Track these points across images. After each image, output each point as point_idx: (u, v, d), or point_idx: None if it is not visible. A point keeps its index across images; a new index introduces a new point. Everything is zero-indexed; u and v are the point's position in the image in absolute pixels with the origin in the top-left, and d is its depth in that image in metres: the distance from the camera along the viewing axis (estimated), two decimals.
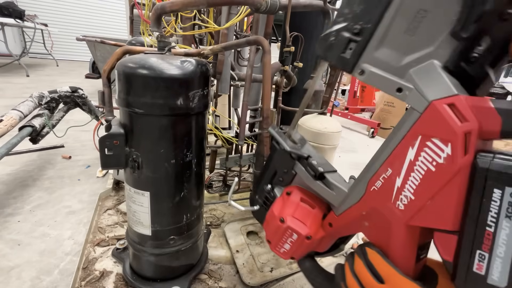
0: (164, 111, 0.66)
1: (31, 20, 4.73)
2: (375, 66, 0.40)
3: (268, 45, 0.78)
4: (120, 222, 1.17)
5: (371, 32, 0.39)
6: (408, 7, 0.37)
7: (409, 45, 0.38)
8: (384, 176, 0.39)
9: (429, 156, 0.33)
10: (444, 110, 0.32)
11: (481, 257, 0.29)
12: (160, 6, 0.70)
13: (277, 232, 0.57)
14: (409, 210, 0.36)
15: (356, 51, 0.41)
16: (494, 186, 0.28)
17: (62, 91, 1.46)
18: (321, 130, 0.81)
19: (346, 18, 0.42)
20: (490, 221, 0.29)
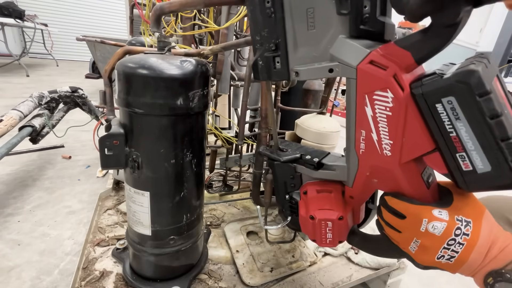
0: (164, 111, 0.66)
1: (31, 20, 4.73)
2: (303, 64, 0.48)
3: None
4: (120, 222, 1.18)
5: (285, 43, 0.47)
6: (298, 12, 0.45)
7: (317, 36, 0.45)
8: (362, 137, 0.45)
9: (382, 105, 0.40)
10: (368, 68, 0.39)
11: (462, 158, 0.35)
12: (159, 7, 0.70)
13: (314, 229, 0.61)
14: (395, 152, 0.41)
15: (283, 62, 0.49)
16: (434, 103, 0.34)
17: (62, 91, 1.46)
18: (320, 130, 0.81)
19: (261, 43, 0.49)
20: (449, 128, 0.35)
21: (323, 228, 0.60)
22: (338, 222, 0.58)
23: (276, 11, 0.45)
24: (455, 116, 0.33)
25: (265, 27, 0.47)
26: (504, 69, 5.40)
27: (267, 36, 0.48)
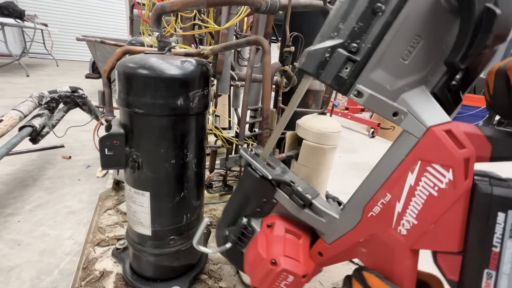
0: (164, 111, 0.65)
1: (31, 20, 4.72)
2: (370, 89, 0.38)
3: (268, 45, 0.78)
4: (120, 222, 1.18)
5: (370, 53, 0.37)
6: (406, 30, 0.36)
7: (403, 70, 0.37)
8: (382, 201, 0.38)
9: (430, 181, 0.34)
10: (443, 136, 0.33)
11: (488, 276, 0.30)
12: (160, 6, 0.70)
13: (268, 276, 0.48)
14: (413, 235, 0.35)
15: (354, 71, 0.38)
16: (498, 210, 0.30)
17: (62, 91, 1.46)
18: (321, 130, 0.81)
19: (342, 34, 0.38)
20: (496, 242, 0.30)
21: (280, 280, 0.48)
22: (300, 280, 0.47)
23: (386, 13, 0.35)
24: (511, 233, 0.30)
25: (361, 21, 0.37)
26: None
27: (357, 31, 0.37)
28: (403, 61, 0.37)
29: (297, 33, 1.09)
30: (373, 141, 3.23)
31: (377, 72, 0.38)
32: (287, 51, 1.04)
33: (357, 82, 0.38)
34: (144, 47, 0.86)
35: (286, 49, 1.03)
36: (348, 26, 0.37)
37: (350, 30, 0.37)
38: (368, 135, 3.44)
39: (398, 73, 0.38)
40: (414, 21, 0.36)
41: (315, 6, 0.93)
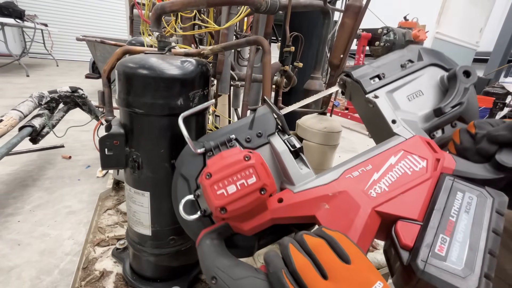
0: (164, 111, 0.65)
1: (31, 20, 4.73)
2: (383, 99, 0.56)
3: (268, 45, 0.78)
4: (120, 222, 1.18)
5: (389, 82, 0.58)
6: (414, 85, 0.58)
7: (406, 105, 0.56)
8: (363, 169, 0.44)
9: (408, 165, 0.43)
10: (424, 141, 0.46)
11: (443, 241, 0.34)
12: (160, 6, 0.70)
13: (233, 166, 0.43)
14: (380, 198, 0.40)
15: (377, 83, 0.58)
16: (457, 191, 0.38)
17: (62, 91, 1.46)
18: (321, 130, 0.81)
19: (378, 66, 0.60)
20: (453, 213, 0.36)
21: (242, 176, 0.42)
22: (257, 187, 0.41)
23: (406, 69, 0.59)
24: (467, 209, 0.36)
25: (391, 65, 0.60)
26: (504, 69, 5.40)
27: (387, 68, 0.60)
28: (408, 100, 0.56)
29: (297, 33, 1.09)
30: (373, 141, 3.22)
31: (390, 94, 0.57)
32: (287, 51, 1.04)
33: (377, 91, 0.57)
34: (144, 47, 0.85)
35: (286, 49, 1.04)
36: (384, 64, 0.61)
37: (386, 69, 0.60)
38: (368, 135, 3.44)
39: (403, 105, 0.56)
40: (420, 83, 0.58)
41: (315, 6, 0.93)
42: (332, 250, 0.33)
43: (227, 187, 0.42)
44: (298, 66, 1.14)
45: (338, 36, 0.82)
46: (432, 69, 0.59)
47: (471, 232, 0.34)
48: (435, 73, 0.59)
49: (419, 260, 0.32)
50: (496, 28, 5.39)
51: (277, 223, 0.46)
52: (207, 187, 0.42)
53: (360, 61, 3.92)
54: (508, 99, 3.41)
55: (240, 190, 0.41)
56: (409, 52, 0.61)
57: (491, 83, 3.81)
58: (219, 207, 0.41)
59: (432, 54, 0.61)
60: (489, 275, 0.31)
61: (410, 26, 3.89)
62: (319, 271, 0.31)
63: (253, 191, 0.42)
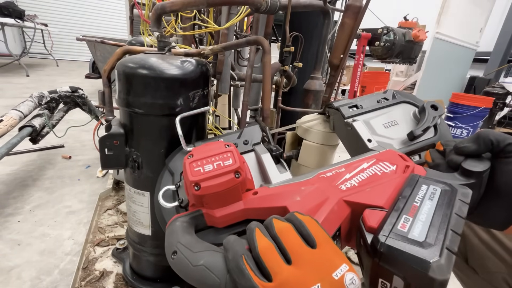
0: (164, 111, 0.65)
1: (31, 20, 4.73)
2: (359, 123, 0.63)
3: (268, 45, 0.78)
4: (120, 222, 1.18)
5: (366, 111, 0.66)
6: (389, 115, 0.65)
7: (383, 131, 0.62)
8: (336, 171, 0.47)
9: (379, 168, 0.46)
10: (395, 153, 0.50)
11: (406, 220, 0.35)
12: (160, 6, 0.70)
13: (212, 151, 0.45)
14: (349, 190, 0.42)
15: (354, 111, 0.66)
16: (422, 184, 0.41)
17: (62, 91, 1.46)
18: (321, 130, 0.81)
19: (356, 100, 0.69)
20: (417, 200, 0.38)
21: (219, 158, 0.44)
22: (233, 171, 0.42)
23: (382, 104, 0.67)
24: (430, 197, 0.38)
25: (368, 100, 0.69)
26: (504, 69, 5.39)
27: (365, 102, 0.68)
28: (384, 127, 0.63)
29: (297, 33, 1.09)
30: None
31: (367, 120, 0.64)
32: (287, 51, 1.04)
33: (356, 117, 0.65)
34: (144, 47, 0.85)
35: (286, 49, 1.03)
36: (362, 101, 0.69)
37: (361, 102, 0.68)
38: None
39: (380, 131, 0.62)
40: (395, 115, 0.66)
41: (315, 6, 0.93)
42: (298, 234, 0.32)
43: (204, 165, 0.44)
44: (298, 66, 1.14)
45: (338, 36, 0.82)
46: (404, 105, 0.68)
47: (434, 213, 0.35)
48: (407, 108, 0.67)
49: (380, 235, 0.33)
50: (496, 28, 5.38)
51: (250, 217, 0.45)
52: (186, 165, 0.44)
53: (360, 61, 3.92)
54: (508, 99, 3.41)
55: (216, 169, 0.43)
56: (385, 93, 0.71)
57: (491, 83, 3.81)
58: (194, 182, 0.42)
59: (405, 95, 0.70)
60: (452, 248, 0.31)
61: (410, 26, 3.89)
62: (282, 255, 0.31)
63: (228, 172, 0.42)
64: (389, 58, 3.90)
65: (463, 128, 3.33)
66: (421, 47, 3.98)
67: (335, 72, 0.87)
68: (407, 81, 4.26)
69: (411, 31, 3.77)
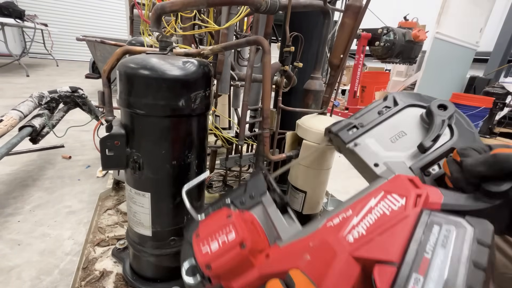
0: (166, 112, 0.65)
1: (31, 20, 4.72)
2: (365, 145, 0.58)
3: (268, 45, 0.78)
4: (120, 222, 1.17)
5: (367, 129, 0.60)
6: (396, 126, 0.58)
7: (390, 147, 0.56)
8: (343, 215, 0.43)
9: (387, 204, 0.41)
10: (405, 178, 0.44)
11: (416, 281, 0.31)
12: (160, 6, 0.70)
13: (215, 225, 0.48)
14: (357, 242, 0.39)
15: (355, 134, 0.60)
16: (434, 224, 0.36)
17: (62, 91, 1.46)
18: (321, 130, 0.81)
19: (357, 118, 0.63)
20: (428, 249, 0.33)
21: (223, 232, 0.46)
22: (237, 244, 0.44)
23: (384, 115, 0.61)
24: (443, 243, 0.34)
25: (370, 115, 0.62)
26: (504, 69, 5.39)
27: (364, 118, 0.62)
28: (391, 142, 0.57)
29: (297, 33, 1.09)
30: None
31: (371, 140, 0.58)
32: (287, 51, 1.04)
33: (357, 140, 0.59)
34: (144, 47, 0.85)
35: (286, 49, 1.03)
36: (362, 116, 0.63)
37: (363, 118, 0.62)
38: None
39: (387, 148, 0.56)
40: (400, 124, 0.59)
41: (315, 6, 0.93)
42: None
43: (211, 244, 0.45)
44: (298, 66, 1.14)
45: (338, 36, 0.82)
46: (410, 110, 0.61)
47: (448, 268, 0.31)
48: (414, 113, 0.59)
49: None
50: (496, 28, 5.38)
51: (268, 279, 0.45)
52: (194, 246, 0.46)
53: (360, 61, 3.92)
54: (508, 99, 3.41)
55: (221, 247, 0.44)
56: (386, 101, 0.64)
57: (491, 83, 3.81)
58: (204, 265, 0.44)
59: (408, 96, 0.63)
60: None
61: (410, 26, 3.89)
62: None
63: (234, 247, 0.44)
64: (389, 58, 3.90)
65: None
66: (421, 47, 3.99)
67: (335, 72, 0.87)
68: (407, 81, 4.26)
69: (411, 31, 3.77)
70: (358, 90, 4.30)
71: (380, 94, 3.81)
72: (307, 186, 0.89)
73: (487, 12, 3.86)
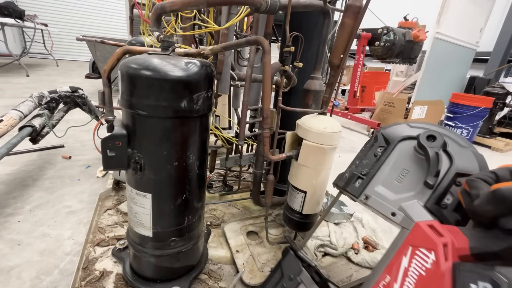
0: (168, 113, 0.65)
1: (31, 20, 4.72)
2: (375, 196, 0.58)
3: (268, 45, 0.78)
4: (120, 222, 1.17)
5: (372, 177, 0.60)
6: (396, 167, 0.58)
7: (399, 188, 0.56)
8: (383, 283, 0.45)
9: (419, 263, 0.41)
10: (426, 227, 0.44)
11: None
12: (160, 6, 0.70)
13: None
14: None
15: (362, 185, 0.60)
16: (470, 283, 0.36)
17: (62, 91, 1.46)
18: (321, 130, 0.81)
19: (357, 165, 0.64)
20: None
21: None
22: None
23: (381, 157, 0.61)
24: None
25: (367, 160, 0.63)
26: (504, 69, 5.39)
27: (364, 164, 0.62)
28: (398, 183, 0.57)
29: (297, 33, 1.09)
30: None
31: (380, 187, 0.58)
32: (287, 51, 1.04)
33: (365, 191, 0.60)
34: (145, 47, 0.85)
35: (286, 49, 1.03)
36: (361, 162, 0.64)
37: (362, 164, 0.63)
38: (368, 135, 3.44)
39: (396, 190, 0.57)
40: (400, 162, 0.59)
41: (315, 6, 0.93)
42: None
43: None
44: (298, 66, 1.14)
45: (338, 36, 0.81)
46: (403, 145, 0.60)
47: None
48: (407, 147, 0.59)
49: None
50: (496, 28, 5.38)
51: None
52: None
53: (360, 61, 3.92)
54: (508, 99, 3.41)
55: None
56: (377, 141, 0.64)
57: (491, 83, 3.81)
58: None
59: (394, 131, 0.63)
60: None
61: (410, 26, 3.89)
62: None
63: None
64: (389, 58, 3.90)
65: (463, 128, 3.33)
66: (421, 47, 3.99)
67: (335, 72, 0.87)
68: (407, 81, 4.26)
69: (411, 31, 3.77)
70: (358, 90, 4.30)
71: (381, 94, 3.80)
72: (307, 186, 0.89)
73: (487, 12, 3.86)
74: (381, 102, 3.56)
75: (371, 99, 4.79)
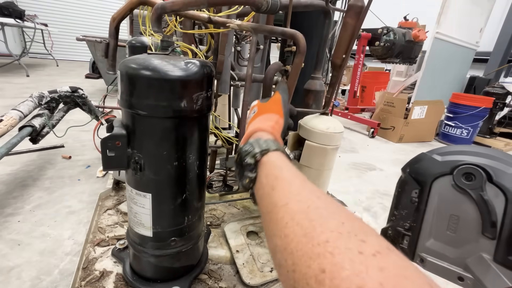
0: (168, 113, 0.65)
1: (31, 20, 4.72)
2: (432, 256, 0.48)
3: (304, 44, 0.77)
4: (120, 222, 1.17)
5: (419, 230, 0.49)
6: (441, 214, 0.47)
7: (455, 240, 0.46)
8: None
9: None
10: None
11: None
12: (160, 6, 0.70)
13: None
14: None
15: (411, 244, 0.50)
16: None
17: (62, 91, 1.46)
18: (323, 131, 0.81)
19: (397, 218, 0.53)
20: None
21: None
22: None
23: (420, 203, 0.49)
24: None
25: (405, 209, 0.51)
26: (504, 69, 5.39)
27: (404, 216, 0.52)
28: (451, 233, 0.46)
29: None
30: (373, 141, 3.23)
31: (432, 242, 0.48)
32: (288, 50, 1.04)
33: (418, 251, 0.50)
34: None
35: (287, 49, 1.03)
36: (399, 213, 0.52)
37: (401, 216, 0.52)
38: (368, 135, 3.44)
39: (452, 243, 0.46)
40: (444, 207, 0.47)
41: (316, 6, 0.93)
42: None
43: None
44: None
45: (340, 36, 0.81)
46: (438, 184, 0.48)
47: None
48: (445, 186, 0.47)
49: None
50: (496, 28, 5.38)
51: None
52: None
53: (360, 61, 3.92)
54: (508, 99, 3.41)
55: None
56: (408, 182, 0.52)
57: (491, 83, 3.81)
58: None
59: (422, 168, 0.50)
60: None
61: (410, 26, 3.89)
62: None
63: None
64: (389, 58, 3.90)
65: (463, 128, 3.34)
66: (421, 47, 3.99)
67: (337, 72, 0.87)
68: (407, 81, 4.26)
69: (411, 31, 3.77)
70: (358, 90, 4.30)
71: (381, 94, 3.80)
72: None
73: (487, 12, 3.86)
74: (381, 102, 3.56)
75: (371, 99, 4.79)
